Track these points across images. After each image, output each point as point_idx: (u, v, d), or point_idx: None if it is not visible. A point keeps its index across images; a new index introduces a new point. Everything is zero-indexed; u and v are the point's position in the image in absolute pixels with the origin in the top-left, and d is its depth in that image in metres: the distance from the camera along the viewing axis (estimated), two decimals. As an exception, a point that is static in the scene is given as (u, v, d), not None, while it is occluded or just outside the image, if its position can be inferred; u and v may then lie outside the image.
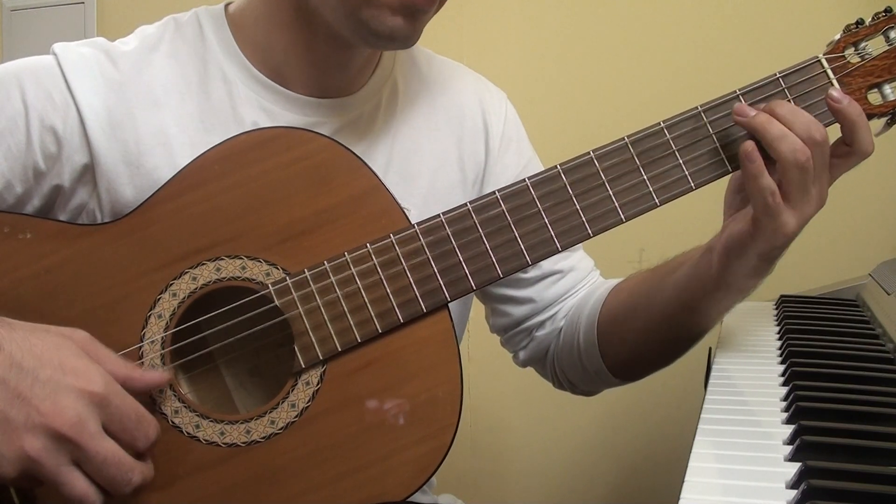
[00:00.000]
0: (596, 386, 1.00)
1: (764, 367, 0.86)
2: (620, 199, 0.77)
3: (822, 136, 0.73)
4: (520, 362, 1.04)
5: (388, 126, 0.90)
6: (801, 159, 0.72)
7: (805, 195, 0.74)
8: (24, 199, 0.81)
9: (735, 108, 0.76)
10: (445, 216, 0.77)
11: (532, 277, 0.97)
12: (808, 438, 0.62)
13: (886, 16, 0.78)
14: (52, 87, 0.81)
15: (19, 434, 0.62)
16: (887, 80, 0.78)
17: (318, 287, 0.75)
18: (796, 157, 0.72)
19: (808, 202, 0.74)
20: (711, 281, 0.80)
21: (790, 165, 0.72)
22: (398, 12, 0.78)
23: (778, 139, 0.73)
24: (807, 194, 0.74)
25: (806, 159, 0.72)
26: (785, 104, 0.75)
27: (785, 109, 0.74)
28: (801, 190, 0.73)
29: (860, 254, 1.42)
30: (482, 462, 1.71)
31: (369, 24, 0.78)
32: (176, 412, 0.74)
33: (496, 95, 1.00)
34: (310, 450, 0.74)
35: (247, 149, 0.77)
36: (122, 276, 0.75)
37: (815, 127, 0.73)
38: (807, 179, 0.73)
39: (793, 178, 0.73)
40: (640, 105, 1.53)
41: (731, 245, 0.78)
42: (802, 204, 0.74)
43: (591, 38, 1.61)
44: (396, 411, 0.74)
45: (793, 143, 0.73)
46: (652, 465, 1.60)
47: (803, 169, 0.72)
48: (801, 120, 0.73)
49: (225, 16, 0.88)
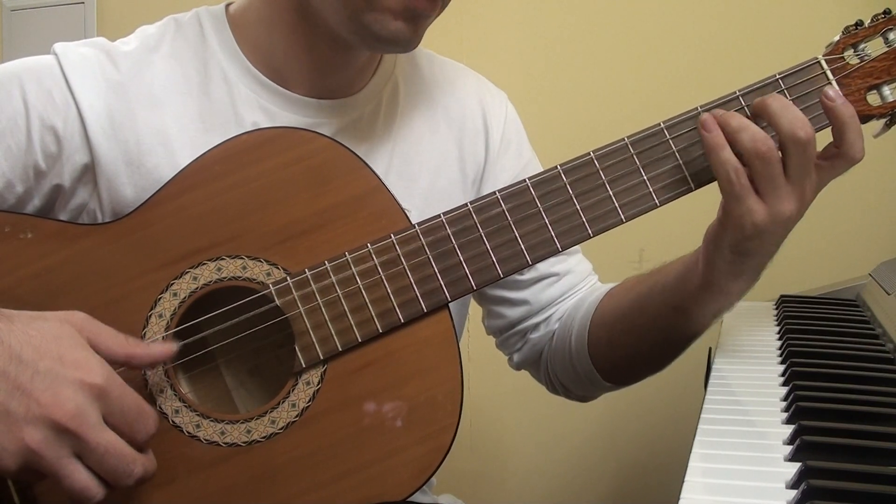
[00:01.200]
0: (588, 391, 0.99)
1: (764, 367, 0.86)
2: (620, 200, 0.77)
3: (807, 135, 0.72)
4: (514, 365, 1.04)
5: (389, 127, 0.91)
6: (762, 149, 0.72)
7: (775, 189, 0.73)
8: (24, 199, 0.81)
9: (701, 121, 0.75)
10: (446, 216, 0.77)
11: (528, 279, 0.97)
12: (808, 438, 0.62)
13: (885, 17, 0.78)
14: (53, 87, 0.81)
15: (20, 426, 0.61)
16: (886, 81, 0.78)
17: (318, 287, 0.75)
18: (756, 147, 0.72)
19: (779, 197, 0.73)
20: (697, 281, 0.80)
21: (751, 156, 0.72)
22: (400, 16, 0.78)
23: (737, 131, 0.73)
24: (777, 188, 0.73)
25: (767, 149, 0.72)
26: (779, 98, 0.74)
27: (777, 103, 0.73)
28: (768, 182, 0.72)
29: (860, 254, 1.42)
30: (482, 462, 1.71)
31: (371, 28, 0.78)
32: (176, 412, 0.74)
33: (497, 96, 1.00)
34: (310, 449, 0.74)
35: (247, 149, 0.77)
36: (122, 276, 0.75)
37: (801, 125, 0.72)
38: (773, 172, 0.72)
39: (757, 169, 0.72)
40: (640, 105, 1.53)
41: (708, 238, 0.78)
42: (774, 198, 0.73)
43: (591, 38, 1.61)
44: (396, 412, 0.74)
45: (753, 134, 0.72)
46: (652, 465, 1.60)
47: (765, 159, 0.72)
48: (788, 116, 0.72)
49: (226, 16, 0.88)
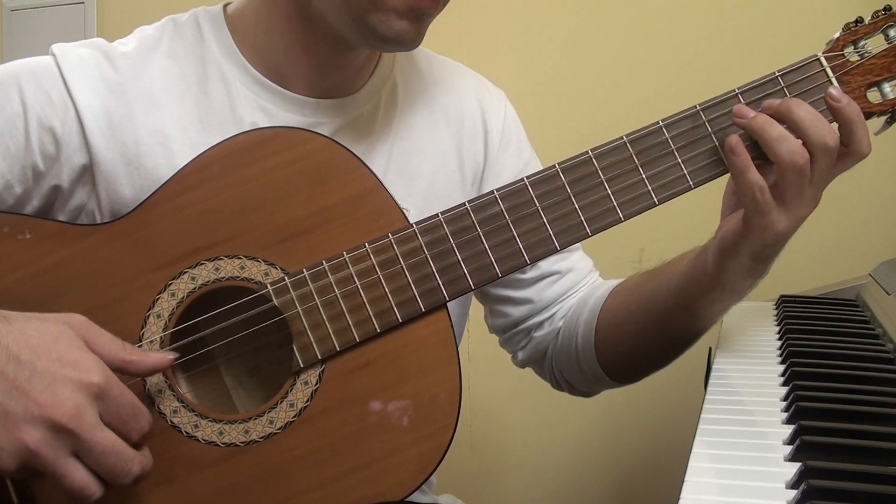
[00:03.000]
0: (593, 387, 1.00)
1: (764, 367, 0.86)
2: (619, 199, 0.77)
3: (835, 143, 0.73)
4: (518, 363, 1.04)
5: (388, 126, 0.91)
6: (800, 162, 0.72)
7: (800, 197, 0.73)
8: (23, 200, 0.81)
9: (734, 110, 0.76)
10: (444, 216, 0.77)
11: (530, 278, 0.97)
12: (808, 438, 0.61)
13: (886, 14, 0.78)
14: (51, 88, 0.81)
15: (19, 426, 0.62)
16: (887, 78, 0.77)
17: (316, 286, 0.75)
18: (793, 160, 0.72)
19: (802, 204, 0.74)
20: (707, 281, 0.80)
21: (787, 168, 0.72)
22: (404, 16, 0.78)
23: (776, 140, 0.73)
24: (802, 196, 0.73)
25: (804, 163, 0.72)
26: (804, 105, 0.74)
27: (804, 112, 0.73)
28: (796, 192, 0.73)
29: (860, 254, 1.42)
30: (482, 462, 1.71)
31: (376, 28, 0.78)
32: (175, 412, 0.74)
33: (496, 95, 1.00)
34: (308, 449, 0.74)
35: (245, 149, 0.77)
36: (120, 276, 0.75)
37: (830, 134, 0.72)
38: (803, 182, 0.72)
39: (790, 181, 0.72)
40: (639, 104, 1.53)
41: (724, 245, 0.77)
42: (797, 205, 0.73)
43: (590, 37, 1.61)
44: (395, 411, 0.74)
45: (791, 146, 0.72)
46: (652, 465, 1.60)
47: (800, 172, 0.72)
48: (818, 126, 0.72)
49: (223, 16, 0.88)
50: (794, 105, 0.74)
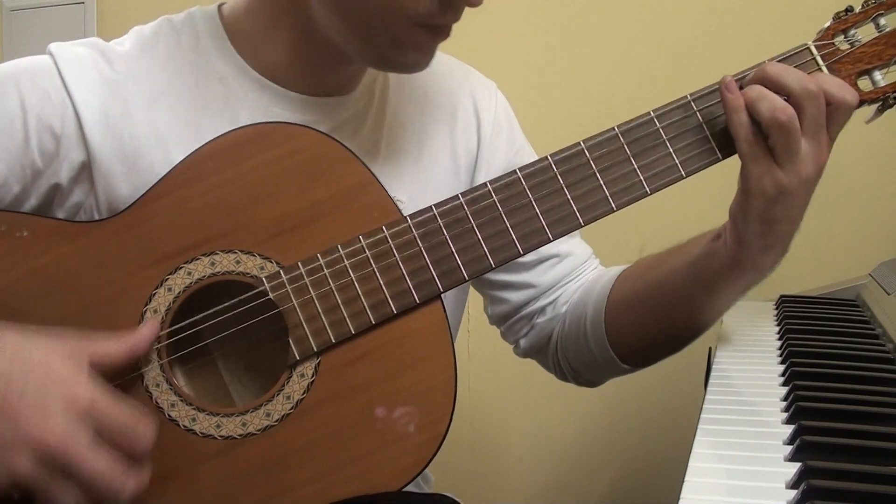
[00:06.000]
0: (602, 375, 0.98)
1: (764, 366, 0.86)
2: (611, 189, 0.77)
3: (818, 87, 0.72)
4: (521, 352, 1.03)
5: (381, 120, 0.91)
6: (781, 118, 0.72)
7: (796, 153, 0.73)
8: (21, 198, 0.82)
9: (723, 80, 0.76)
10: (437, 208, 0.77)
11: (529, 262, 0.97)
12: (808, 438, 0.62)
13: (876, 2, 0.78)
14: (50, 87, 0.82)
15: (9, 455, 0.63)
16: (877, 66, 0.77)
17: (311, 280, 0.75)
18: (775, 116, 0.72)
19: (800, 162, 0.73)
20: (727, 260, 0.79)
21: (772, 125, 0.72)
22: (420, 48, 0.81)
23: (756, 101, 0.73)
24: (796, 153, 0.73)
25: (787, 118, 0.72)
26: (772, 63, 0.75)
27: (775, 68, 0.74)
28: (787, 149, 0.73)
29: (860, 254, 1.42)
30: (482, 462, 1.70)
31: (395, 60, 0.82)
32: (172, 406, 0.75)
33: (486, 85, 1.00)
34: (305, 441, 0.74)
35: (239, 144, 0.77)
36: (117, 273, 0.76)
37: (808, 78, 0.73)
38: (792, 139, 0.72)
39: (776, 139, 0.73)
40: (634, 96, 1.53)
41: (734, 214, 0.77)
42: (794, 162, 0.73)
43: (586, 31, 1.61)
44: (391, 402, 0.74)
45: (773, 103, 0.72)
46: (652, 465, 1.60)
47: (784, 128, 0.72)
48: (795, 74, 0.73)
49: (219, 15, 0.89)
50: (768, 66, 0.75)
